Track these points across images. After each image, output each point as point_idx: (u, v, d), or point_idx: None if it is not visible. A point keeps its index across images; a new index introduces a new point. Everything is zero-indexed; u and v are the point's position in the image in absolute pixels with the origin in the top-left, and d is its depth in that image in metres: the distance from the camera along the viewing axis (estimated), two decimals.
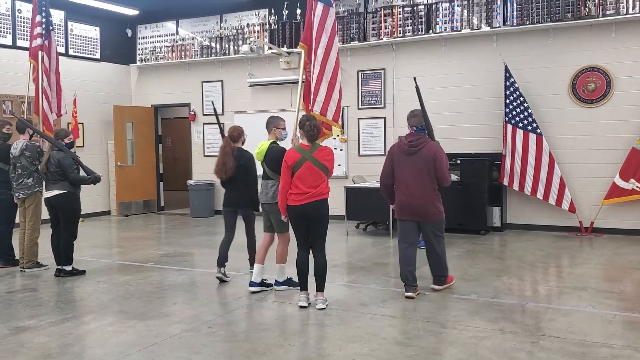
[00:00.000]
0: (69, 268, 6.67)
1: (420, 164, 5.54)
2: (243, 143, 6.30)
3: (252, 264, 6.51)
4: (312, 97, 5.97)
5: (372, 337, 4.44)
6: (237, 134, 6.23)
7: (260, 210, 6.07)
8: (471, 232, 8.94)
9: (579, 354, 4.04)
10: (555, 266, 7.23)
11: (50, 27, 8.48)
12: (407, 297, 5.52)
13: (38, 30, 8.45)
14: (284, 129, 6.02)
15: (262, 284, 5.91)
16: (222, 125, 7.15)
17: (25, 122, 7.19)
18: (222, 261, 6.30)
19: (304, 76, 6.17)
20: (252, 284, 5.88)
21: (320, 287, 5.28)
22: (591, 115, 8.98)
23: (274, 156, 5.75)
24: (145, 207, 12.73)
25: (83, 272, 6.75)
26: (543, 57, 9.25)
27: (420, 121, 5.69)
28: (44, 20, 8.42)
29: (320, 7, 5.95)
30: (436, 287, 5.79)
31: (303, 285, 5.38)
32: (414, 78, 5.99)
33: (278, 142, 5.97)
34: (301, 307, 5.27)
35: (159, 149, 13.19)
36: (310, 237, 5.32)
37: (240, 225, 6.33)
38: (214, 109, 7.28)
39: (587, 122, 9.00)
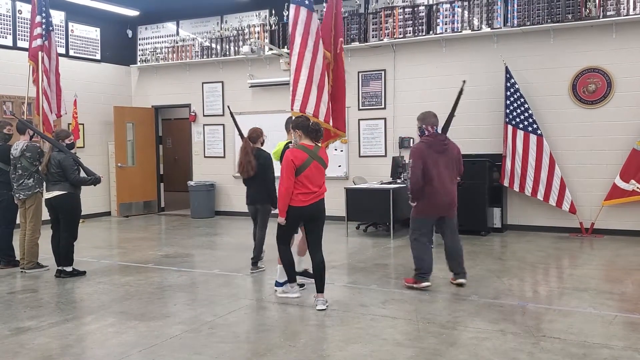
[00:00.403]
0: (69, 269, 6.67)
1: (450, 161, 5.91)
2: (262, 144, 6.66)
3: (254, 264, 6.64)
4: (302, 99, 6.04)
5: (373, 338, 4.44)
6: (255, 135, 6.65)
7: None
8: (471, 233, 8.92)
9: (579, 355, 4.04)
10: (555, 267, 7.23)
11: (50, 28, 8.48)
12: (425, 287, 5.74)
13: (38, 30, 8.44)
14: None
15: (305, 273, 6.02)
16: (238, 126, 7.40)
17: (26, 123, 7.19)
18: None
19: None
20: (277, 283, 5.85)
21: (320, 288, 5.29)
22: (592, 116, 8.98)
23: None
24: (145, 208, 12.73)
25: (83, 273, 6.75)
26: (543, 58, 9.25)
27: (438, 122, 6.01)
28: (43, 20, 8.42)
29: (304, 12, 6.12)
30: (463, 280, 5.96)
31: (294, 277, 5.50)
32: (463, 81, 6.41)
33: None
34: (297, 297, 5.43)
35: (159, 149, 13.20)
36: (309, 237, 5.39)
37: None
38: (231, 113, 7.45)
39: (588, 123, 9.01)
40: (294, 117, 5.65)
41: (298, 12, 6.09)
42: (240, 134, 6.91)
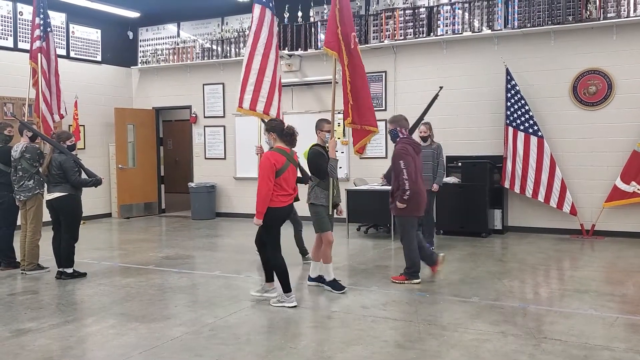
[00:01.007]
0: (70, 270, 6.66)
1: (419, 162, 6.26)
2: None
3: (304, 255, 7.25)
4: (266, 100, 6.17)
5: (374, 340, 4.44)
6: None
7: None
8: (472, 235, 8.93)
9: (580, 356, 4.03)
10: (556, 269, 7.23)
11: (49, 29, 8.49)
12: (416, 283, 6.10)
13: (37, 32, 8.46)
14: (327, 131, 6.00)
15: (319, 279, 6.11)
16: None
17: (27, 124, 7.19)
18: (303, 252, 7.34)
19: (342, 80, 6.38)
20: (310, 278, 6.15)
21: (272, 278, 5.62)
22: (592, 118, 8.98)
23: (309, 158, 5.94)
24: (146, 210, 12.73)
25: (84, 275, 6.75)
26: (544, 59, 9.25)
27: (408, 125, 6.36)
28: (41, 22, 8.42)
29: (268, 14, 6.33)
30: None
31: (289, 286, 5.42)
32: (440, 87, 6.74)
33: (326, 144, 5.99)
34: (294, 306, 5.33)
35: (160, 151, 13.20)
36: None
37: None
38: None
39: (588, 125, 9.00)
40: (244, 114, 6.08)
41: (264, 13, 6.30)
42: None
